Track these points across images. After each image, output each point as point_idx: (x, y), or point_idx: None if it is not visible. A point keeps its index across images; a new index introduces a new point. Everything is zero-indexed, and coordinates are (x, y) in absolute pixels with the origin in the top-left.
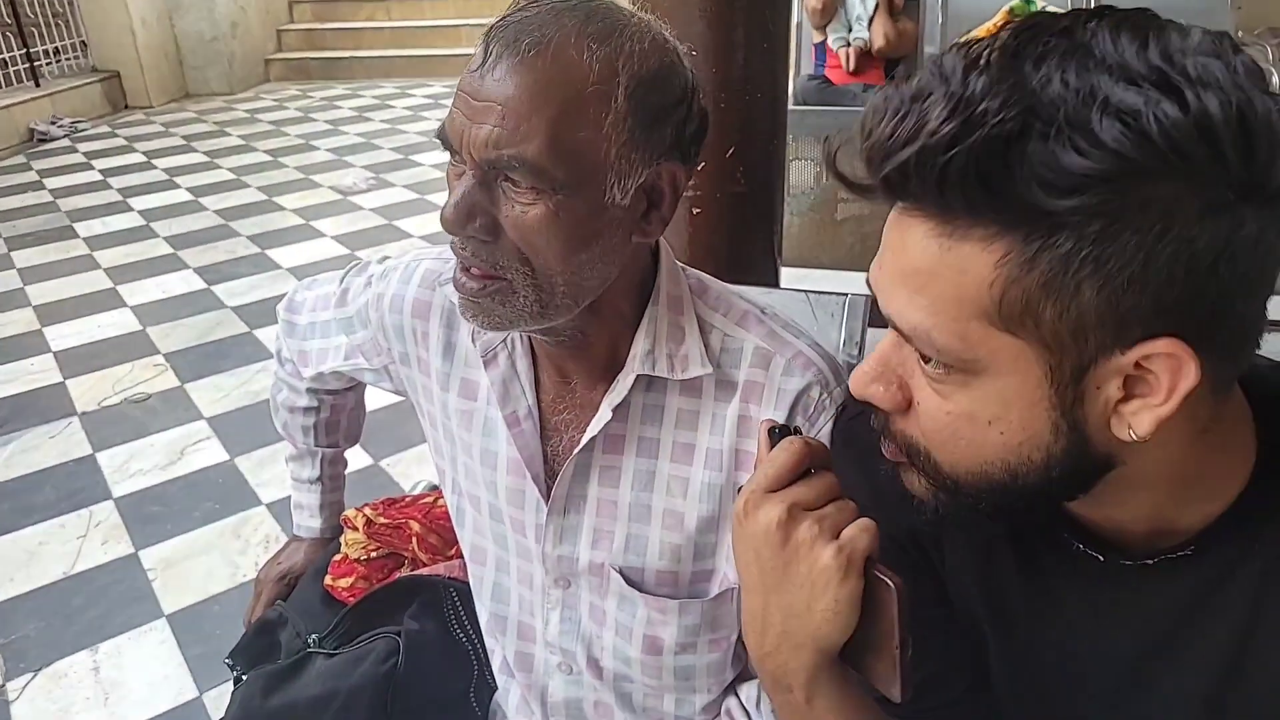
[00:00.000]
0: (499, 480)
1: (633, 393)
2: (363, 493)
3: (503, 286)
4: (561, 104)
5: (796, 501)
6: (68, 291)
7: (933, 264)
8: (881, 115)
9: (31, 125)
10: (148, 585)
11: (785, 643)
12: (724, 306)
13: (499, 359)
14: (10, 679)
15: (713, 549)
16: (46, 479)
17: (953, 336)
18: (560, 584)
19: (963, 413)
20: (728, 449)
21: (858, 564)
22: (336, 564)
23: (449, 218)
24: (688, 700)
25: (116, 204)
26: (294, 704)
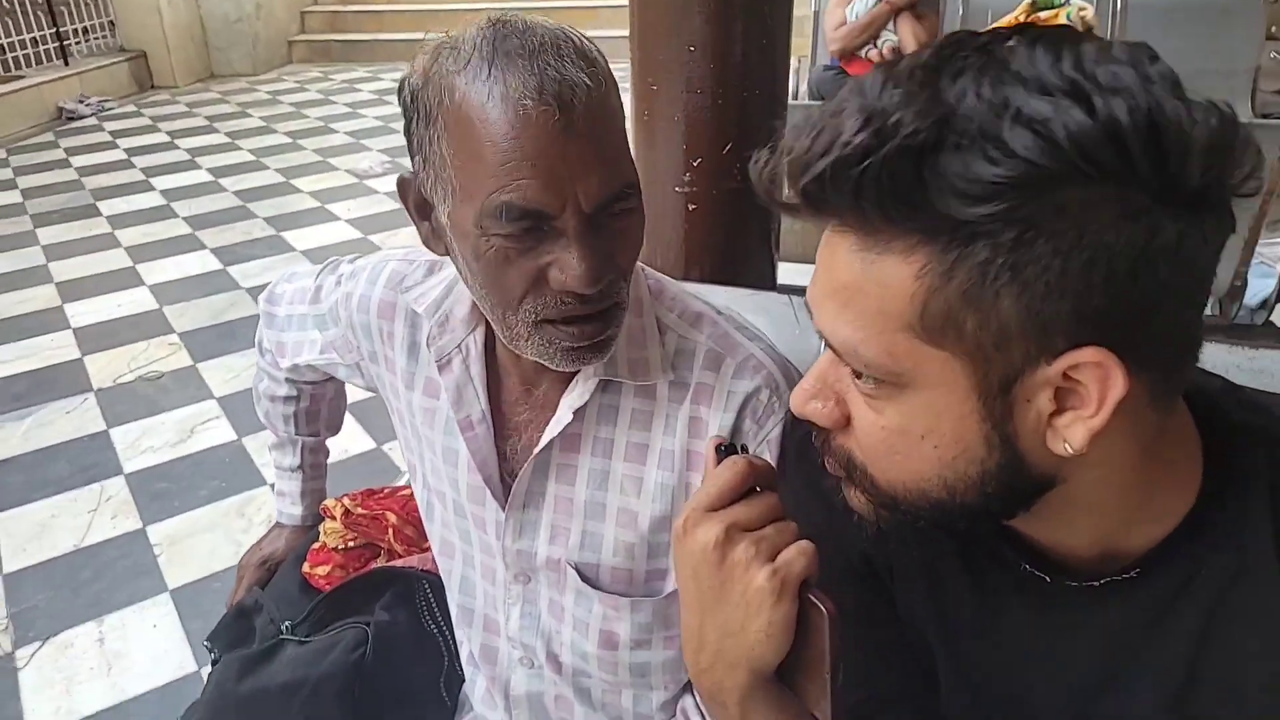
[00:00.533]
0: (460, 478)
1: (590, 395)
2: (365, 475)
3: (616, 310)
4: (618, 120)
5: (735, 521)
6: (89, 269)
7: (857, 278)
8: (800, 131)
9: (60, 104)
10: (153, 560)
11: (720, 660)
12: (679, 307)
13: (453, 364)
14: (19, 647)
15: (666, 548)
16: (61, 453)
17: (879, 351)
18: (520, 579)
19: (896, 427)
20: (679, 450)
21: (792, 587)
22: (315, 552)
23: (591, 277)
24: (645, 697)
25: (139, 183)
26: (265, 689)
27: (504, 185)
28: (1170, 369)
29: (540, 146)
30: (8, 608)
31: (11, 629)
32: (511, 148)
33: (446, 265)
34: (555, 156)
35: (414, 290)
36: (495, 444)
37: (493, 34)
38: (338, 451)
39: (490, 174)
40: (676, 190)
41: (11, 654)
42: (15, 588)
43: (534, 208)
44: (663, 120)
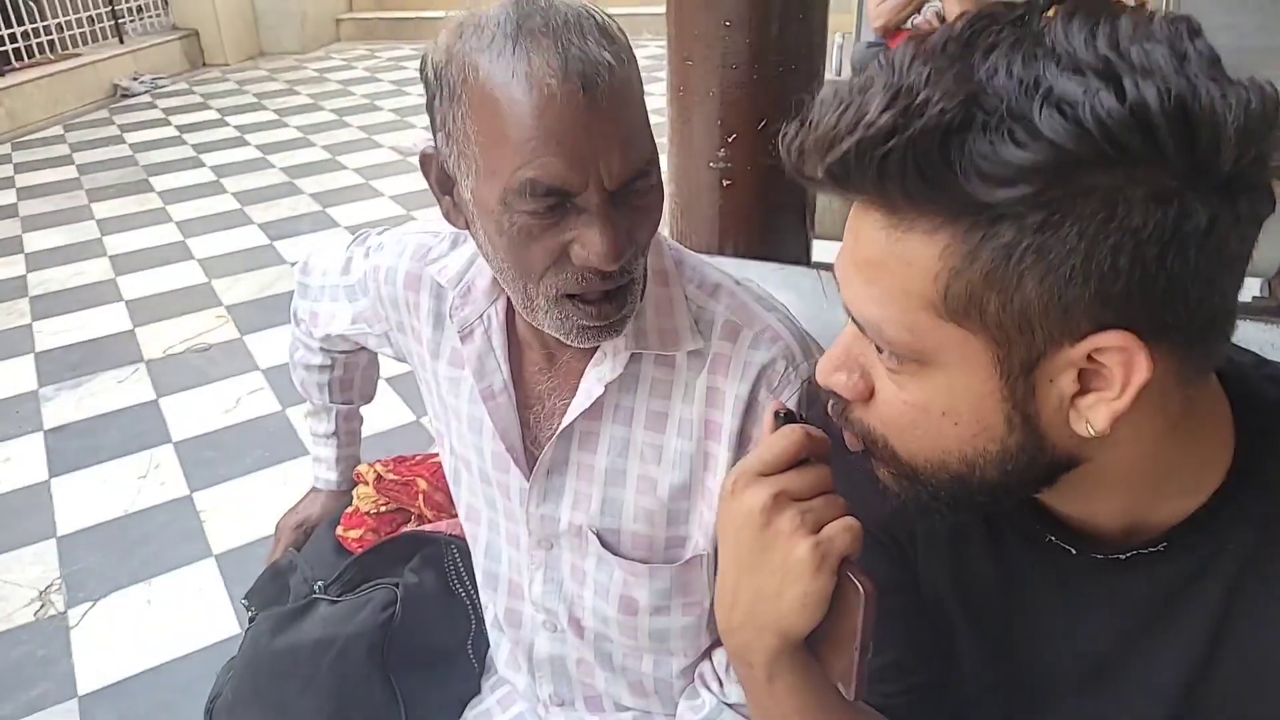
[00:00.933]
0: (485, 445)
1: (623, 368)
2: (405, 447)
3: (632, 285)
4: (639, 100)
5: (785, 489)
6: (141, 243)
7: (882, 255)
8: (827, 107)
9: (115, 81)
10: (200, 526)
11: (750, 622)
12: (698, 278)
13: (475, 334)
14: (71, 606)
15: (685, 515)
16: (113, 421)
17: (901, 328)
18: (543, 545)
19: (917, 403)
20: (697, 418)
21: (832, 562)
22: (348, 516)
23: (613, 253)
24: (665, 662)
25: (190, 159)
26: (297, 645)
27: (528, 162)
28: (1199, 350)
29: (564, 125)
30: (61, 569)
31: (65, 589)
32: (536, 126)
33: (470, 238)
34: (579, 134)
35: (438, 262)
36: (517, 413)
37: (515, 12)
38: (378, 423)
39: (515, 151)
40: (711, 166)
41: (64, 613)
42: (69, 550)
43: (558, 185)
44: (698, 96)
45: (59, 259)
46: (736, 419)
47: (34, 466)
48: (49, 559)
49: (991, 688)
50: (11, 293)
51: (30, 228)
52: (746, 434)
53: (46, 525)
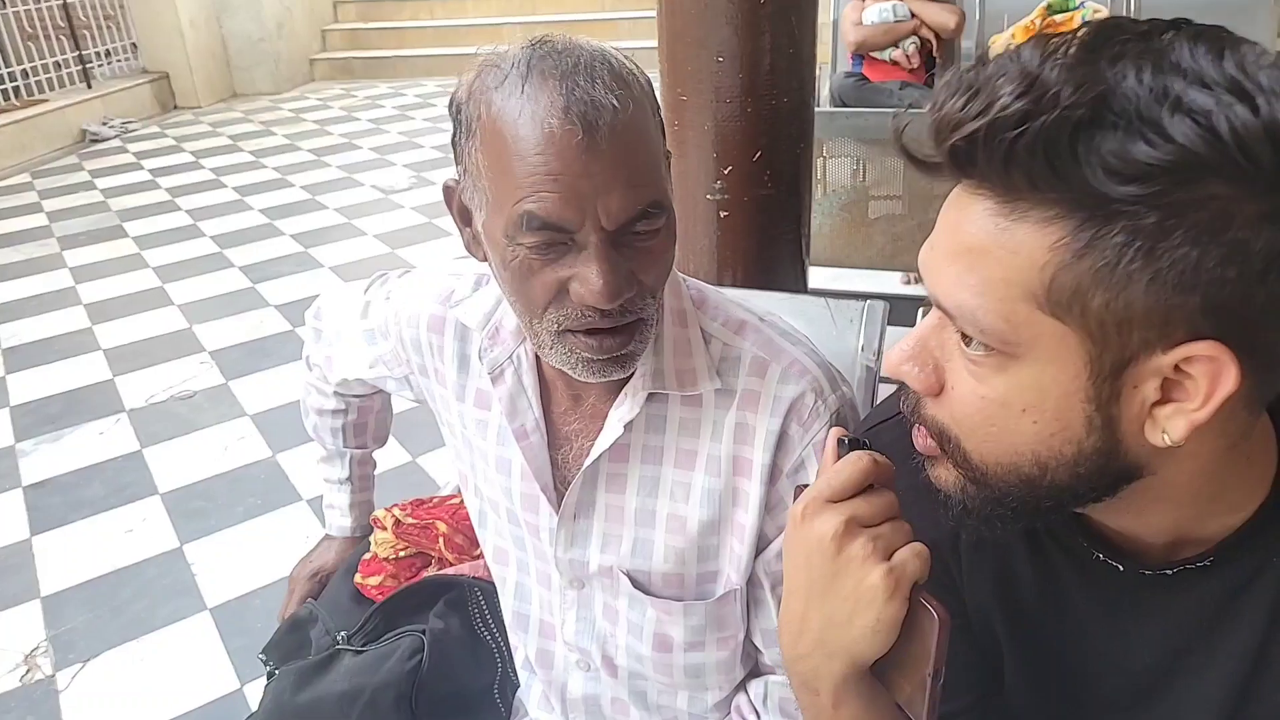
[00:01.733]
0: (514, 487)
1: (639, 407)
2: (399, 489)
3: (640, 325)
4: (648, 140)
5: (855, 515)
6: (117, 290)
7: (987, 242)
8: (954, 90)
9: (84, 126)
10: (192, 579)
11: (819, 650)
12: (722, 315)
13: (505, 375)
14: (60, 669)
15: (715, 551)
16: (96, 474)
17: (998, 317)
18: (575, 585)
19: (997, 398)
20: (725, 455)
21: (905, 587)
22: (366, 563)
23: (610, 292)
24: (700, 698)
25: (165, 203)
26: (322, 699)
27: (527, 196)
28: (1275, 375)
29: (564, 163)
30: (47, 630)
31: (52, 651)
32: (536, 163)
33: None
34: (577, 174)
35: (463, 305)
36: (549, 453)
37: (530, 53)
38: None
39: (516, 185)
40: (708, 198)
41: (52, 677)
42: (55, 610)
43: (554, 221)
44: (693, 130)
45: (32, 309)
46: (768, 454)
47: (14, 524)
48: (34, 620)
49: (1037, 706)
50: None
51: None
52: (778, 468)
53: (30, 585)
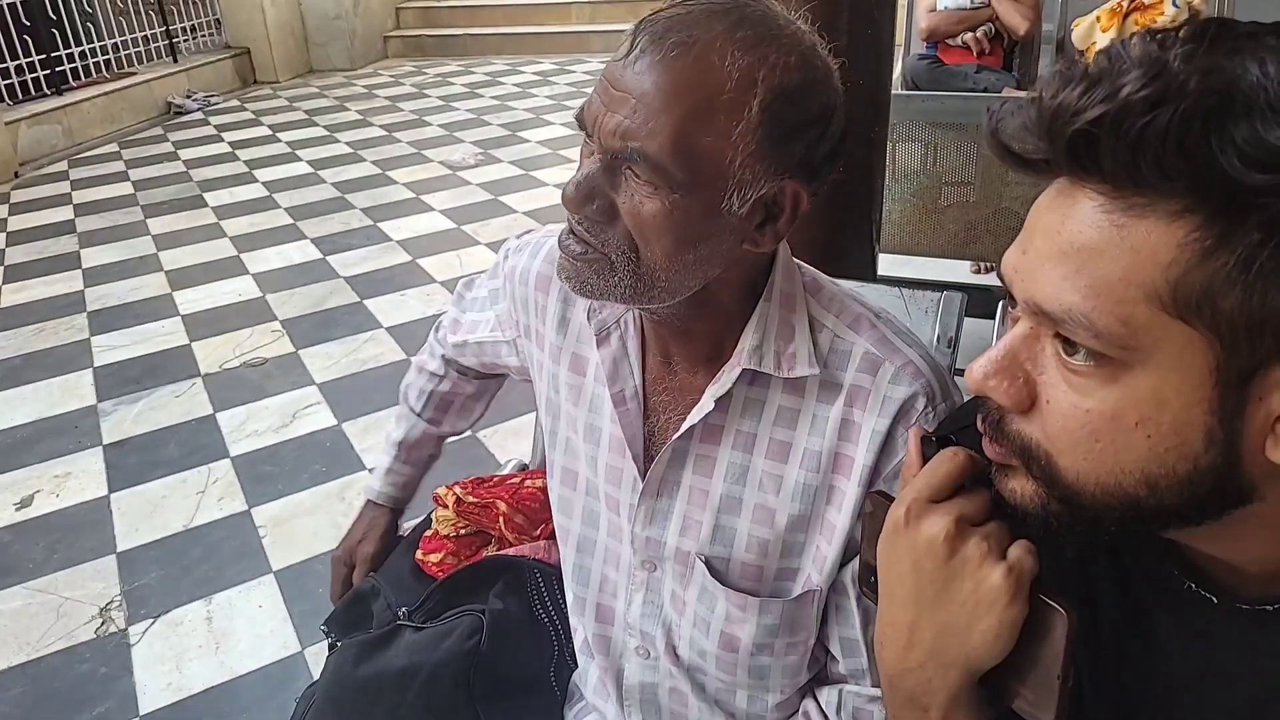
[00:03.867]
0: (600, 457)
1: (736, 385)
2: (460, 462)
3: (602, 261)
4: (692, 107)
5: (963, 515)
6: (196, 258)
7: (1101, 241)
8: (1069, 80)
9: (169, 99)
10: (258, 542)
11: (932, 661)
12: (837, 308)
13: (611, 338)
14: (132, 623)
15: (800, 548)
16: (171, 436)
17: (1114, 319)
18: (647, 566)
19: (1105, 412)
20: (827, 451)
21: (1025, 587)
22: (427, 539)
23: (570, 196)
24: (760, 698)
25: (243, 175)
26: (382, 674)
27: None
28: None
29: (610, 71)
30: (122, 585)
31: (125, 606)
32: (608, 64)
33: None
34: (608, 83)
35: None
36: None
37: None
38: None
39: None
40: None
41: (125, 630)
42: (129, 565)
43: (582, 115)
44: None
45: (116, 274)
46: (872, 454)
47: (94, 481)
48: (109, 575)
49: None
50: (70, 308)
51: (87, 244)
52: (879, 471)
53: (107, 541)
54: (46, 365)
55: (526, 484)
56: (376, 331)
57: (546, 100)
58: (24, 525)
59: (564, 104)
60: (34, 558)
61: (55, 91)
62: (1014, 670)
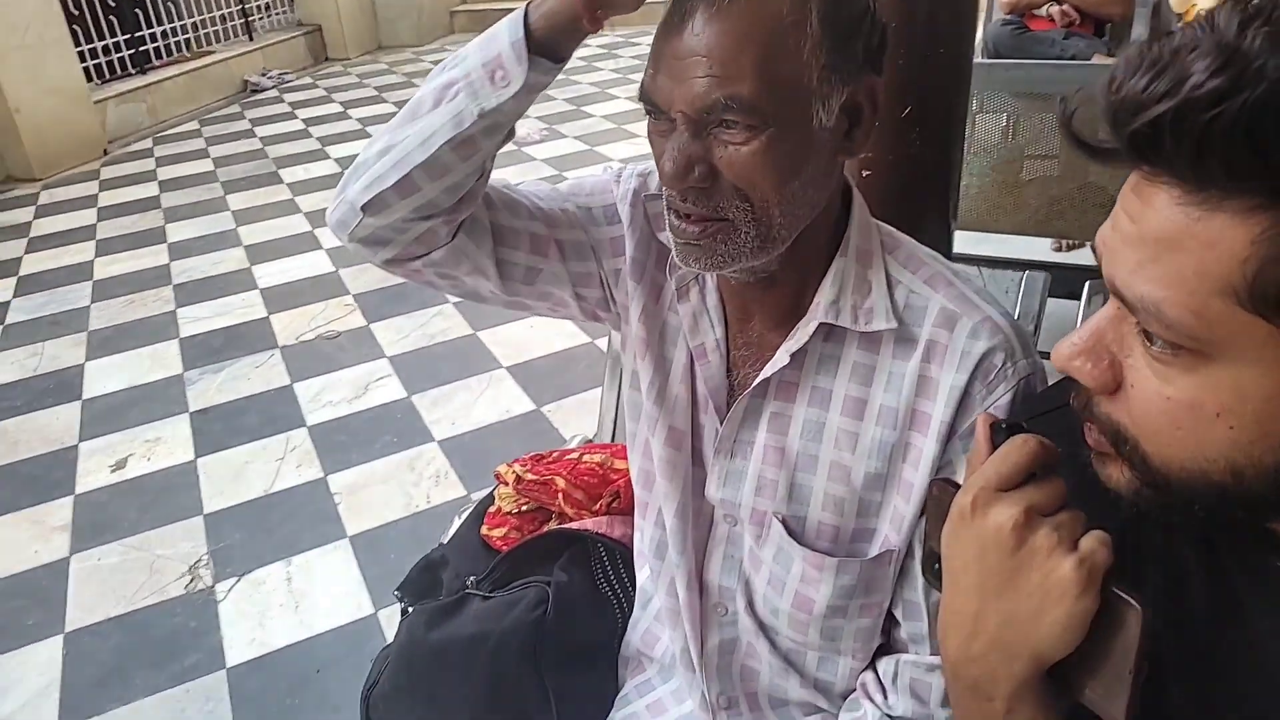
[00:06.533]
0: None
1: (811, 341)
2: (522, 436)
3: (724, 227)
4: (763, 43)
5: (1033, 504)
6: (273, 234)
7: (1176, 234)
8: (1136, 67)
9: (245, 77)
10: (334, 508)
11: (997, 651)
12: (914, 264)
13: (690, 294)
14: (218, 581)
15: (877, 508)
16: (252, 405)
17: (1187, 312)
18: (728, 520)
19: (1186, 400)
20: (903, 407)
21: (1098, 579)
22: (491, 515)
23: (670, 172)
24: (831, 661)
25: (316, 152)
26: (452, 640)
27: (645, 72)
28: None
29: (667, 44)
30: (209, 544)
31: (212, 564)
32: (657, 41)
33: None
34: (670, 55)
35: (657, 203)
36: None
37: None
38: (498, 412)
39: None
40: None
41: (212, 588)
42: (215, 527)
43: (650, 97)
44: None
45: (199, 249)
46: (949, 410)
47: (182, 446)
48: (197, 535)
49: None
50: (157, 281)
51: (172, 219)
52: (956, 427)
53: (194, 503)
54: (137, 335)
55: (584, 460)
56: (444, 306)
57: (611, 74)
58: (119, 486)
59: (629, 77)
60: (128, 517)
61: (140, 71)
62: (1083, 663)
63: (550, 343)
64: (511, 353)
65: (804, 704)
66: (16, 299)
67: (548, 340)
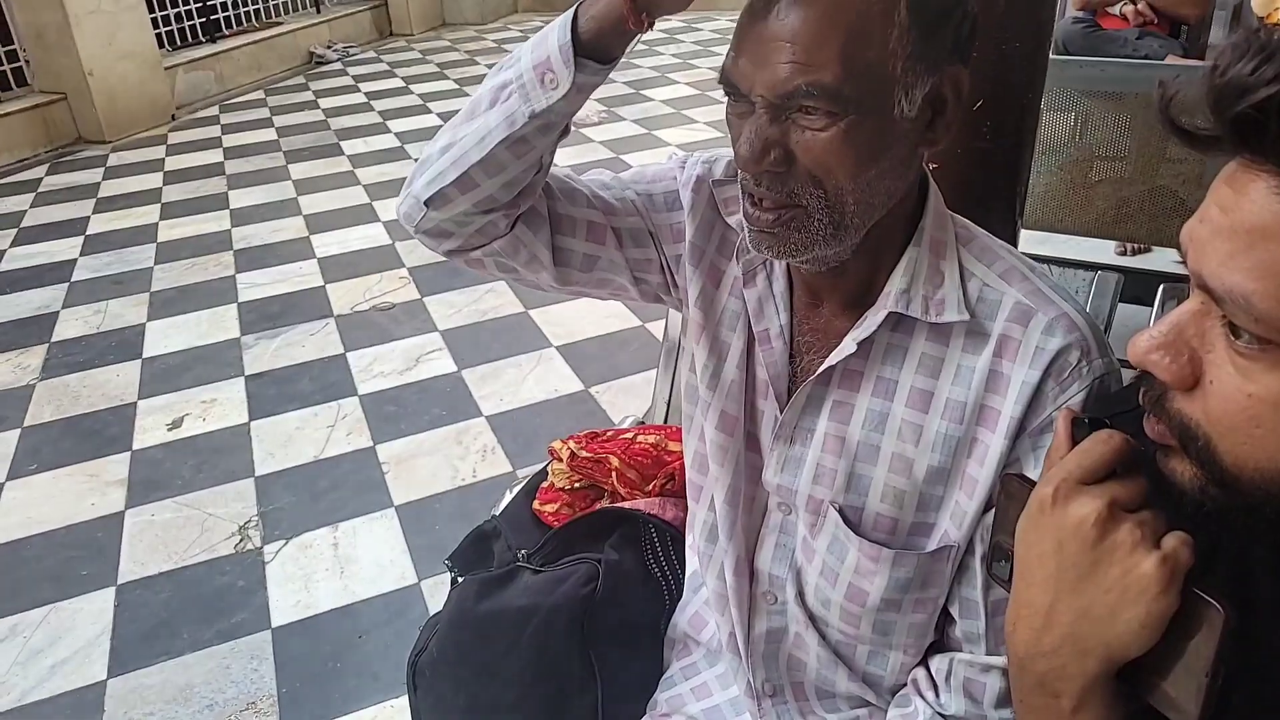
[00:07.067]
0: (750, 398)
1: (879, 330)
2: (572, 417)
3: (798, 214)
4: (848, 30)
5: (1115, 499)
6: (332, 204)
7: (1271, 224)
8: (1243, 52)
9: (311, 49)
10: (381, 477)
11: (1069, 646)
12: (989, 258)
13: (757, 279)
14: (267, 543)
15: (939, 502)
16: (305, 371)
17: (1277, 304)
18: (782, 509)
19: (1269, 397)
20: (972, 402)
21: (1179, 579)
22: (544, 490)
23: (746, 155)
24: (881, 655)
25: (377, 125)
26: (502, 611)
27: (727, 54)
28: None
29: (752, 26)
30: (259, 506)
31: (261, 526)
32: (742, 22)
33: None
34: (754, 38)
35: (727, 188)
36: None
37: None
38: (546, 390)
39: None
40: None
41: (260, 549)
42: (265, 489)
43: (731, 80)
44: None
45: (259, 216)
46: (1020, 406)
47: (237, 409)
48: (248, 497)
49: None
50: (218, 246)
51: (235, 185)
52: (1026, 425)
53: (246, 465)
54: (197, 298)
55: (639, 440)
56: (497, 284)
57: (672, 58)
58: (174, 444)
59: (690, 62)
60: (182, 475)
61: (209, 39)
62: (1158, 664)
63: (601, 324)
64: (562, 332)
65: (852, 697)
66: (83, 257)
67: (599, 322)
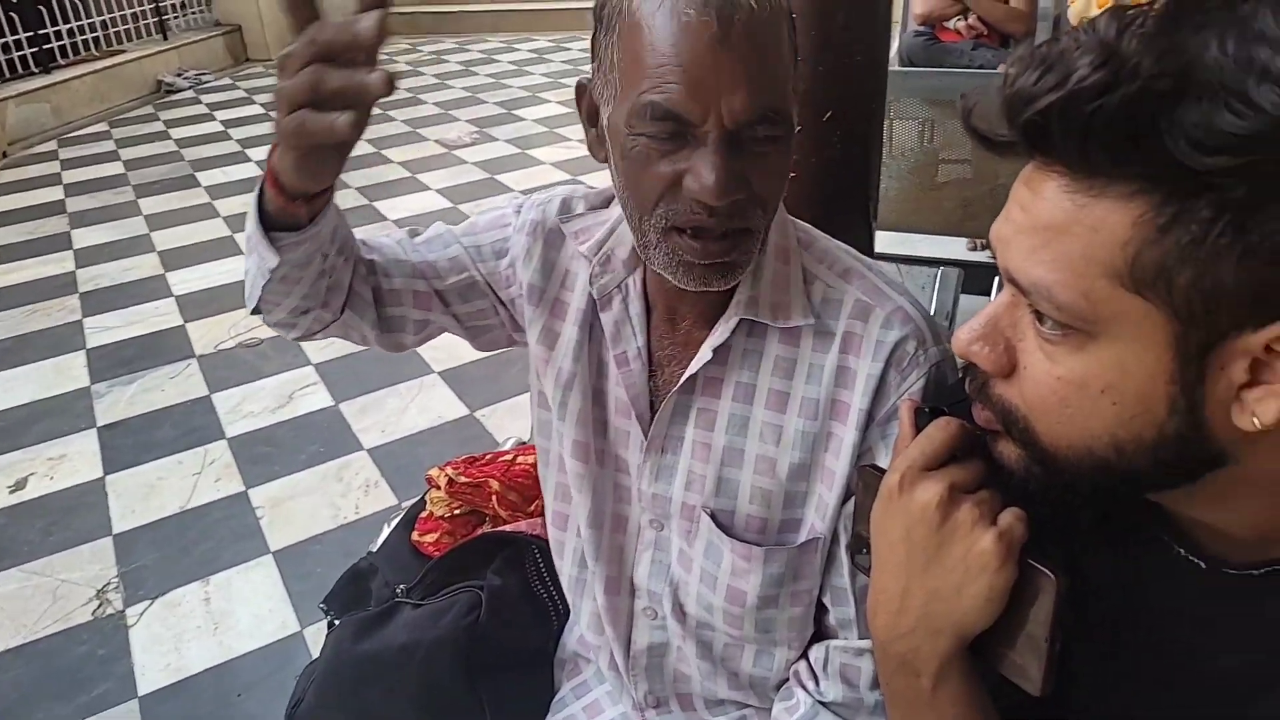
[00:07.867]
0: (609, 420)
1: (734, 337)
2: (456, 441)
3: (744, 239)
4: (778, 52)
5: (955, 482)
6: (190, 238)
7: (1064, 220)
8: (1027, 64)
9: (159, 77)
10: (256, 523)
11: (923, 626)
12: (829, 260)
13: (613, 304)
14: (129, 605)
15: (803, 498)
16: (167, 417)
17: (1076, 295)
18: (654, 525)
19: (1074, 379)
20: (824, 398)
21: (1016, 552)
22: (422, 520)
23: (721, 191)
24: (767, 654)
25: (236, 154)
26: (381, 651)
27: (654, 86)
28: None
29: (694, 55)
30: (119, 566)
31: (122, 588)
32: (668, 53)
33: (612, 209)
34: (705, 67)
35: (574, 222)
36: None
37: None
38: (430, 418)
39: (645, 75)
40: None
41: (122, 612)
42: (125, 547)
43: (677, 111)
44: None
45: (108, 255)
46: (867, 398)
47: (89, 463)
48: (106, 557)
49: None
50: (61, 289)
51: (78, 224)
52: (874, 415)
53: (103, 523)
54: (40, 347)
55: (519, 461)
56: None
57: (542, 78)
58: (18, 508)
59: (560, 81)
60: (30, 540)
61: (43, 70)
62: (1003, 635)
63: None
64: (443, 357)
65: (735, 703)
66: None
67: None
